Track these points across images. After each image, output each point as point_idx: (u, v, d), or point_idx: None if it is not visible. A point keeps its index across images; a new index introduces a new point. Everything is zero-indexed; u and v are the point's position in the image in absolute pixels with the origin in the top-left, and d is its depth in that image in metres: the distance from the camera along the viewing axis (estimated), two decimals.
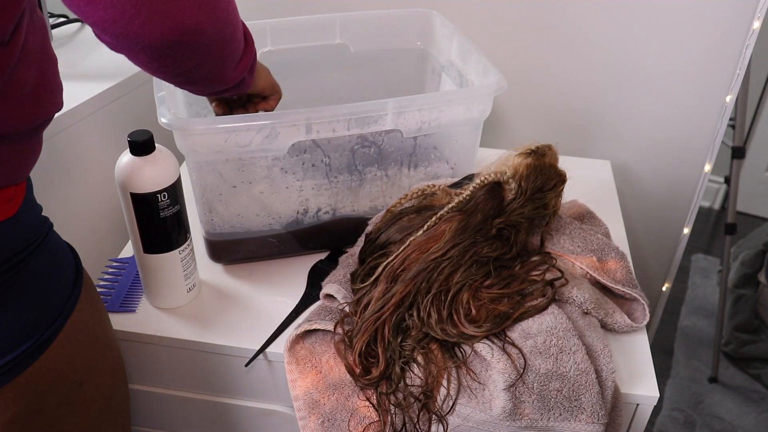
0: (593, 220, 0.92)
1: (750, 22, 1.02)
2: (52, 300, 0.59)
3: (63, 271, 0.61)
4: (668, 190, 1.22)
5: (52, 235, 0.60)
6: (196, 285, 0.83)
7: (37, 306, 0.57)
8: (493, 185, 0.78)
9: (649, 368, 0.75)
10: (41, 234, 0.58)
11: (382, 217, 0.84)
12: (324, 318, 0.76)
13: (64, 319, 0.59)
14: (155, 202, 0.72)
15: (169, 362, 0.81)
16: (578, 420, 0.66)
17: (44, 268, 0.58)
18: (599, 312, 0.76)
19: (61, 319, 0.59)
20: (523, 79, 1.15)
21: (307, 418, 0.72)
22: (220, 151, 0.76)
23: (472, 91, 0.89)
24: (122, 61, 0.56)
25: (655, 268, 1.31)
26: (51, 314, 0.58)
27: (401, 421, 0.67)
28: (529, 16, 1.09)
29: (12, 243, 0.55)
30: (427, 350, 0.69)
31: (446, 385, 0.67)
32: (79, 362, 0.63)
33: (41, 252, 0.58)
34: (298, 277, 0.87)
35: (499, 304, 0.72)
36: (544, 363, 0.68)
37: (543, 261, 0.78)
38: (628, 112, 1.16)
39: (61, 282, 0.60)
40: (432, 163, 0.90)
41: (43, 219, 0.60)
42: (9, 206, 0.54)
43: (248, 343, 0.77)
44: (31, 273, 0.56)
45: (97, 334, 0.66)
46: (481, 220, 0.76)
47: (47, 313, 0.58)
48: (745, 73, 1.07)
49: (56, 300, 0.59)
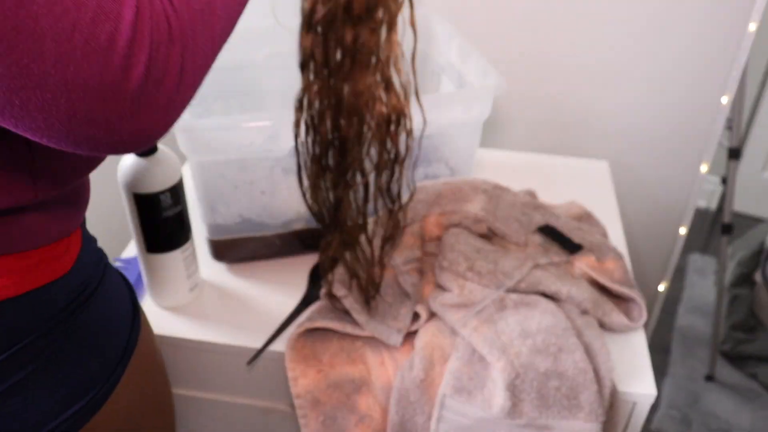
0: (591, 221, 0.93)
1: (746, 24, 1.03)
2: (112, 344, 0.55)
3: (121, 310, 0.57)
4: (665, 191, 1.23)
5: (108, 271, 0.56)
6: (198, 284, 0.83)
7: (98, 353, 0.53)
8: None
9: (647, 367, 0.76)
10: (97, 274, 0.54)
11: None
12: (325, 317, 0.77)
13: (127, 360, 0.56)
14: (158, 203, 0.72)
15: (170, 361, 0.81)
16: (577, 418, 0.67)
17: (102, 311, 0.54)
18: (597, 311, 0.77)
19: (123, 362, 0.56)
20: (523, 80, 1.16)
21: (308, 416, 0.72)
22: (222, 151, 0.77)
23: (471, 91, 0.90)
24: None
25: (652, 268, 1.31)
26: (113, 359, 0.55)
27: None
28: (529, 17, 1.10)
29: (70, 292, 0.51)
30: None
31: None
32: (138, 404, 0.59)
33: (98, 295, 0.53)
34: (299, 276, 0.87)
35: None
36: (544, 362, 0.69)
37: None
38: (625, 113, 1.16)
39: (120, 323, 0.56)
40: (432, 164, 0.91)
41: (98, 256, 0.55)
42: (65, 259, 0.50)
43: (250, 342, 0.78)
44: (89, 319, 0.52)
45: (153, 366, 0.63)
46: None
47: (109, 359, 0.54)
48: (742, 75, 1.08)
49: (117, 343, 0.55)
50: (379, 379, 0.73)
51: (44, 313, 0.49)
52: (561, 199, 0.99)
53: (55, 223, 0.49)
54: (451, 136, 0.90)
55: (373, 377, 0.74)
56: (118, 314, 0.56)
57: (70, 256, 0.51)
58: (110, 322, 0.55)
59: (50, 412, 0.51)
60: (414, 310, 0.77)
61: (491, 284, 0.77)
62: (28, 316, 0.48)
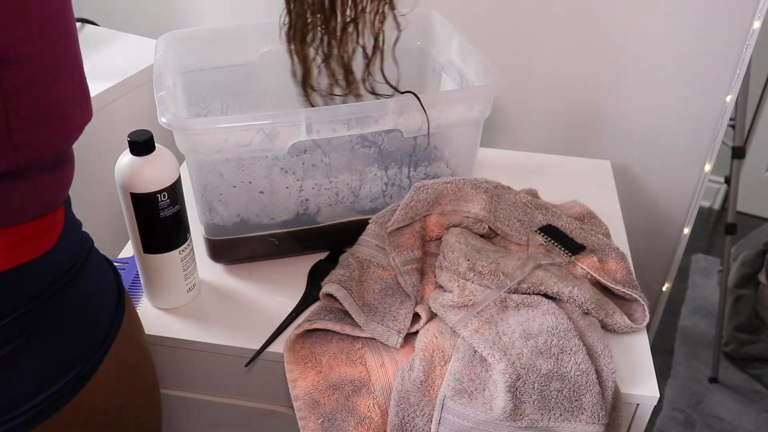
0: (594, 221, 0.92)
1: (750, 22, 1.02)
2: (95, 326, 0.56)
3: (105, 293, 0.58)
4: (668, 190, 1.22)
5: (92, 255, 0.57)
6: (196, 285, 0.83)
7: (80, 334, 0.55)
8: None
9: (650, 368, 0.75)
10: (81, 256, 0.55)
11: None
12: (324, 318, 0.76)
13: (109, 344, 0.57)
14: (155, 202, 0.72)
15: (168, 362, 0.81)
16: (579, 420, 0.66)
17: (86, 292, 0.55)
18: (599, 312, 0.76)
19: (105, 346, 0.57)
20: (523, 79, 1.15)
21: (307, 418, 0.72)
22: (220, 150, 0.76)
23: (472, 91, 0.89)
24: (122, 61, 0.56)
25: (655, 268, 1.31)
26: (95, 341, 0.56)
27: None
28: (529, 17, 1.09)
29: (53, 270, 0.52)
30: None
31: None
32: (120, 387, 0.60)
33: (82, 276, 0.55)
34: (297, 277, 0.87)
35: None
36: (545, 363, 0.68)
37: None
38: (628, 112, 1.16)
39: (104, 306, 0.57)
40: (432, 163, 0.90)
41: (83, 238, 0.57)
42: (47, 237, 0.51)
43: (248, 343, 0.77)
44: (72, 299, 0.54)
45: (137, 355, 0.64)
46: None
47: (91, 341, 0.55)
48: (746, 73, 1.07)
49: (100, 326, 0.57)
50: (379, 380, 0.73)
51: (27, 292, 0.50)
52: (563, 199, 0.98)
53: (37, 197, 0.50)
54: (452, 135, 0.90)
55: (373, 379, 0.73)
56: (101, 298, 0.57)
57: (52, 235, 0.51)
58: (93, 305, 0.56)
59: (30, 391, 0.52)
60: (414, 311, 0.77)
61: (492, 285, 0.76)
62: (10, 294, 0.49)
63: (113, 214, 1.01)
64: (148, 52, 1.07)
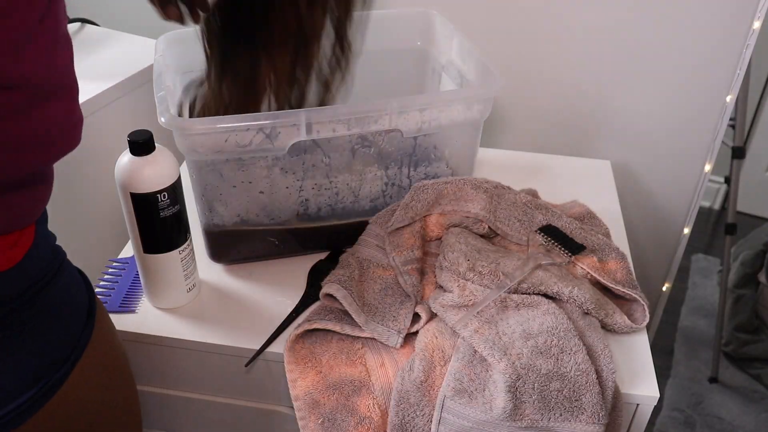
0: (594, 221, 0.92)
1: (750, 22, 1.02)
2: (63, 339, 0.55)
3: (75, 306, 0.57)
4: (668, 190, 1.22)
5: (64, 267, 0.57)
6: (196, 285, 0.83)
7: (48, 347, 0.54)
8: None
9: (650, 368, 0.75)
10: (52, 269, 0.54)
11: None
12: (324, 318, 0.76)
13: (76, 359, 0.56)
14: (155, 202, 0.72)
15: (168, 362, 0.81)
16: (579, 420, 0.66)
17: (55, 305, 0.54)
18: (599, 312, 0.76)
19: (72, 360, 0.56)
20: (523, 79, 1.15)
21: (307, 418, 0.72)
22: (220, 150, 0.76)
23: (472, 91, 0.89)
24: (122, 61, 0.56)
25: (655, 268, 1.31)
26: (62, 354, 0.55)
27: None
28: (529, 17, 1.09)
29: (18, 285, 0.51)
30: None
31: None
32: (90, 403, 0.60)
33: (51, 288, 0.54)
34: (297, 277, 0.87)
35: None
36: (545, 363, 0.68)
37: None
38: (628, 112, 1.16)
39: (73, 319, 0.57)
40: (432, 163, 0.90)
41: (55, 251, 0.56)
42: (13, 252, 0.50)
43: (248, 343, 0.77)
44: (40, 312, 0.53)
45: (111, 372, 0.63)
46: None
47: (58, 354, 0.55)
48: (746, 73, 1.07)
49: (68, 339, 0.56)
50: (379, 380, 0.73)
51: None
52: (563, 199, 0.98)
53: (6, 214, 0.49)
54: (452, 135, 0.90)
55: (373, 379, 0.73)
56: (69, 313, 0.57)
57: (18, 251, 0.50)
58: (60, 320, 0.55)
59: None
60: (414, 311, 0.77)
61: (492, 285, 0.76)
62: None
63: (113, 214, 1.01)
64: (148, 52, 1.07)
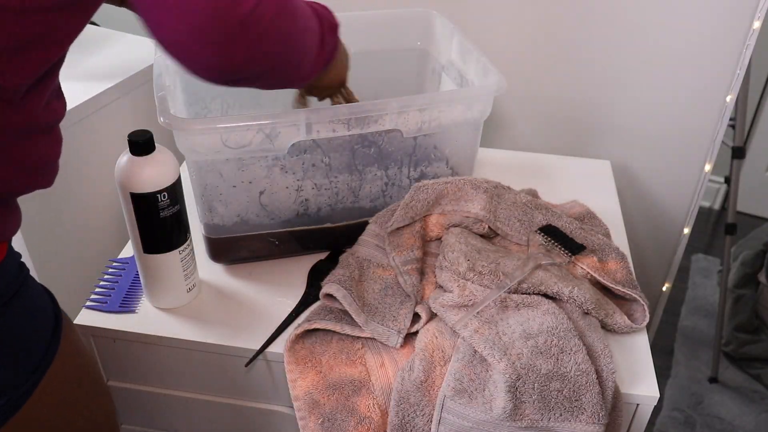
0: (594, 221, 0.92)
1: (750, 22, 1.02)
2: (28, 353, 0.55)
3: (40, 321, 0.57)
4: (668, 190, 1.22)
5: (29, 281, 0.57)
6: (196, 285, 0.83)
7: (12, 361, 0.54)
8: None
9: (650, 368, 0.75)
10: (18, 282, 0.55)
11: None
12: (324, 318, 0.76)
13: (42, 372, 0.56)
14: (155, 202, 0.72)
15: (168, 362, 0.81)
16: (579, 420, 0.66)
17: (18, 320, 0.54)
18: (599, 312, 0.76)
19: (38, 373, 0.56)
20: (523, 79, 1.15)
21: (307, 418, 0.72)
22: (220, 150, 0.76)
23: (472, 91, 0.89)
24: (122, 61, 0.56)
25: (655, 268, 1.31)
26: (27, 368, 0.55)
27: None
28: (529, 17, 1.09)
29: None
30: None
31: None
32: (58, 416, 0.59)
33: (14, 305, 0.54)
34: (297, 277, 0.87)
35: None
36: (545, 363, 0.68)
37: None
38: (628, 112, 1.16)
39: (38, 333, 0.57)
40: (432, 163, 0.90)
41: (21, 266, 0.56)
42: None
43: (248, 343, 0.77)
44: (3, 327, 0.53)
45: (81, 384, 0.63)
46: None
47: (23, 368, 0.55)
48: (746, 73, 1.07)
49: (33, 353, 0.56)
50: (379, 380, 0.73)
51: None
52: (563, 199, 0.98)
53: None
54: (452, 135, 0.90)
55: (373, 379, 0.73)
56: (34, 327, 0.56)
57: None
58: (24, 335, 0.55)
59: None
60: (414, 311, 0.77)
61: (492, 285, 0.76)
62: None
63: (113, 214, 1.01)
64: (148, 52, 1.07)
